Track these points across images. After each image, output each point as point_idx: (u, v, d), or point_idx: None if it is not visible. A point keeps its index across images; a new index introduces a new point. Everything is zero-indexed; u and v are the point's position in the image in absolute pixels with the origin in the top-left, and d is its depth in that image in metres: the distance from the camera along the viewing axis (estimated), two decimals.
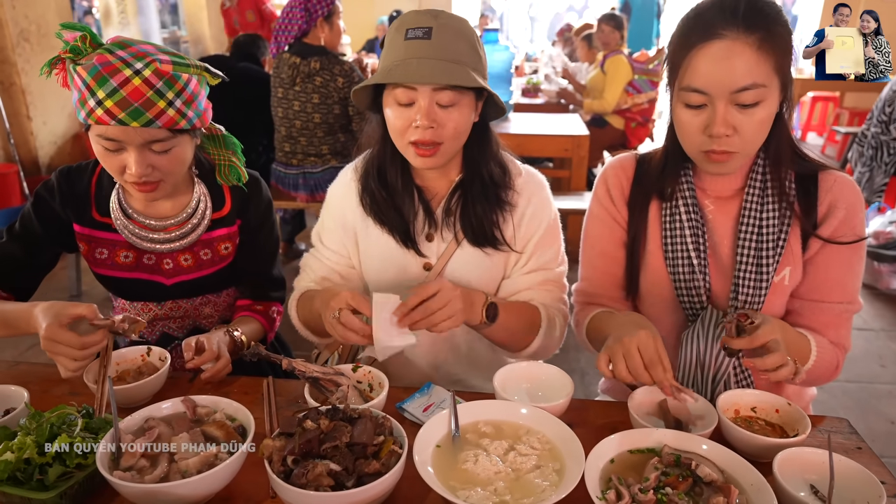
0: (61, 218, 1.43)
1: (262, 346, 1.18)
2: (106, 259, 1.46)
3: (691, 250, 1.28)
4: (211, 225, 1.47)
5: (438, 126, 1.23)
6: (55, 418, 1.00)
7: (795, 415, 1.12)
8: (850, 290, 1.26)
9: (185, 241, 1.44)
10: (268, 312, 1.56)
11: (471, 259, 1.39)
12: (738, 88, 1.09)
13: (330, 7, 3.35)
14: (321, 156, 3.45)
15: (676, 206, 1.30)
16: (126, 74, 1.17)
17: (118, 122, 1.19)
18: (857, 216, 1.23)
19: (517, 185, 1.40)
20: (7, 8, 4.65)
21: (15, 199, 4.67)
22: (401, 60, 1.21)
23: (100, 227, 1.44)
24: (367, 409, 1.03)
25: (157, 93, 1.20)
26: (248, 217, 1.51)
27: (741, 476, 0.96)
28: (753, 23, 1.08)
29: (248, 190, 1.50)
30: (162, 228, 1.43)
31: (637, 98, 5.01)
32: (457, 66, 1.21)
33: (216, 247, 1.50)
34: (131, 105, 1.18)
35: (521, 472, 0.98)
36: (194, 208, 1.45)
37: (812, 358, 1.21)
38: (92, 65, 1.17)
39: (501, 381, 1.21)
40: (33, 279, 1.48)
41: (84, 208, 1.43)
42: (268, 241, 1.56)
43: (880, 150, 4.17)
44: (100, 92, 1.17)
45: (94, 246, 1.45)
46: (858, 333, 3.43)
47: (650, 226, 1.34)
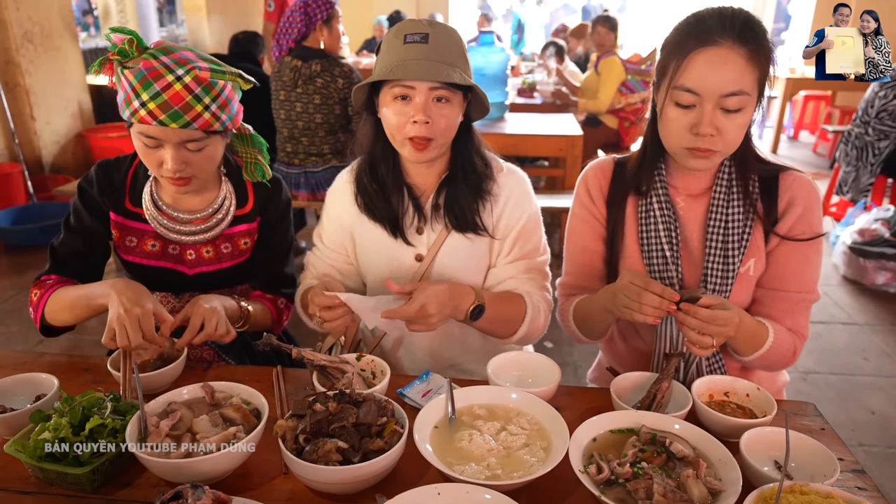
0: (100, 207, 1.53)
1: (274, 337, 1.27)
2: (135, 247, 1.55)
3: (664, 243, 1.37)
4: (233, 221, 1.57)
5: (433, 122, 1.34)
6: (86, 402, 1.10)
7: (764, 399, 1.22)
8: (807, 280, 1.36)
9: (209, 234, 1.54)
10: (277, 303, 1.66)
11: (458, 248, 1.49)
12: (727, 93, 1.19)
13: (329, 11, 3.43)
14: (322, 155, 3.54)
15: (651, 203, 1.40)
16: (168, 80, 1.28)
17: (159, 123, 1.29)
18: (813, 213, 1.34)
19: (499, 179, 1.51)
20: (11, 10, 4.72)
21: (20, 197, 4.75)
22: (400, 61, 1.33)
23: (131, 217, 1.53)
24: (370, 394, 1.13)
25: (195, 98, 1.30)
26: (268, 215, 1.61)
27: (710, 452, 1.06)
28: (746, 36, 1.19)
29: (270, 190, 1.60)
30: (189, 221, 1.52)
31: (630, 98, 5.10)
32: (451, 67, 1.33)
33: (236, 241, 1.59)
34: (172, 108, 1.29)
35: (512, 449, 1.08)
36: (220, 204, 1.54)
37: (769, 341, 1.31)
38: (139, 69, 1.28)
39: (494, 368, 1.31)
40: (97, 268, 1.58)
41: (119, 197, 1.53)
42: (283, 238, 1.65)
43: (865, 150, 4.27)
44: (144, 95, 1.28)
45: (125, 234, 1.54)
46: (843, 327, 3.53)
47: (627, 221, 1.44)
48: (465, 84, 1.34)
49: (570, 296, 1.53)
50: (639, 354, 1.51)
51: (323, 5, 3.40)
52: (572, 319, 1.49)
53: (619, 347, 1.56)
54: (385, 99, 1.38)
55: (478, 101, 1.44)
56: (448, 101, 1.36)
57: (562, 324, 1.56)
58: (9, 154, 4.91)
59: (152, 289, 1.61)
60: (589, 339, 1.50)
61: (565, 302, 1.53)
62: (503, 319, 1.46)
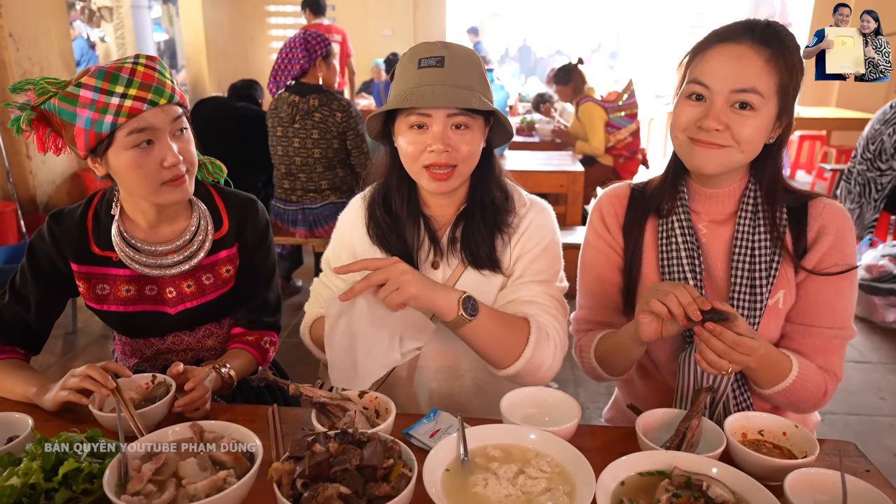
0: (58, 263, 1.43)
1: (270, 372, 1.17)
2: (107, 295, 1.45)
3: (687, 270, 1.29)
4: (212, 248, 1.48)
5: (453, 149, 1.27)
6: (61, 443, 0.99)
7: (803, 437, 1.12)
8: (840, 315, 1.27)
9: (192, 262, 1.45)
10: (260, 343, 1.55)
11: (473, 284, 1.40)
12: (738, 89, 1.15)
13: (328, 48, 3.45)
14: (320, 191, 3.49)
15: (672, 227, 1.32)
16: (129, 66, 1.25)
17: (150, 105, 1.25)
18: (846, 243, 1.26)
19: (520, 211, 1.42)
20: (11, 50, 4.73)
21: (12, 237, 4.67)
22: (415, 87, 1.26)
23: (99, 262, 1.44)
24: (375, 433, 1.03)
25: (160, 73, 1.29)
26: (246, 238, 1.53)
27: (752, 497, 0.95)
28: (768, 39, 1.16)
29: (244, 210, 1.53)
30: (166, 252, 1.43)
31: (619, 134, 5.09)
32: (469, 91, 1.26)
33: (217, 270, 1.50)
34: (152, 85, 1.26)
35: (532, 495, 0.97)
36: (196, 226, 1.46)
37: (792, 375, 1.21)
38: (97, 70, 1.24)
39: (508, 405, 1.21)
40: (42, 329, 1.48)
41: (82, 244, 1.43)
42: (264, 262, 1.56)
43: (868, 186, 4.25)
44: (118, 87, 1.23)
45: (95, 283, 1.44)
46: (856, 366, 3.43)
47: (646, 248, 1.36)
48: (485, 109, 1.27)
49: (586, 331, 1.44)
50: (658, 391, 1.41)
51: (322, 41, 3.41)
52: (594, 355, 1.39)
53: (638, 385, 1.47)
54: (400, 128, 1.31)
55: (500, 127, 1.36)
56: (468, 127, 1.28)
57: (579, 360, 1.46)
58: (2, 193, 4.86)
59: (134, 335, 1.52)
60: (610, 376, 1.40)
61: (583, 337, 1.43)
62: (501, 334, 1.29)
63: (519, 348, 1.30)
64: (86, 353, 3.51)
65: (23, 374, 1.36)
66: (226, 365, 1.41)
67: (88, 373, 1.21)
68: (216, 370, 1.38)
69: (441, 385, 1.48)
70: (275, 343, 1.60)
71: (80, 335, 3.70)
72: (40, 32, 4.99)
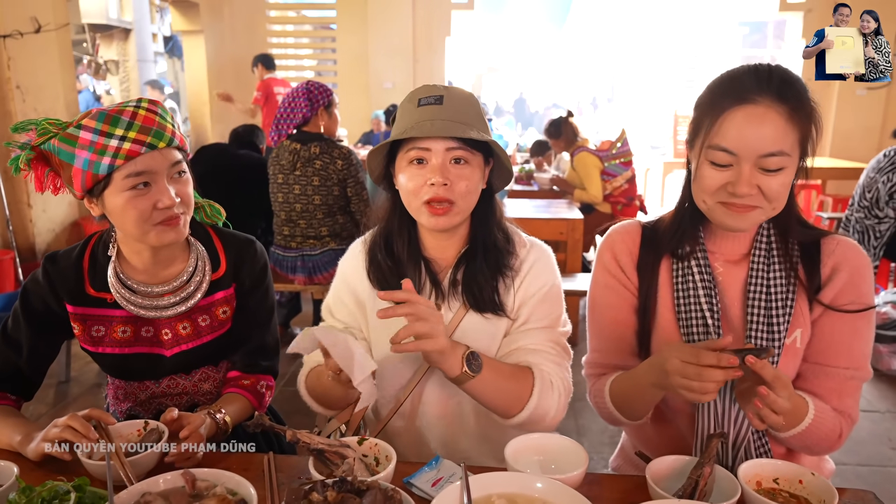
0: (52, 305, 1.41)
1: (266, 417, 1.13)
2: (103, 336, 1.43)
3: (705, 310, 1.27)
4: (210, 289, 1.46)
5: (451, 184, 1.27)
6: (46, 492, 0.95)
7: (821, 486, 1.08)
8: (856, 355, 1.24)
9: (189, 303, 1.42)
10: (256, 388, 1.51)
11: (475, 328, 1.38)
12: (766, 153, 1.12)
13: (329, 97, 3.51)
14: (320, 238, 3.49)
15: (689, 267, 1.30)
16: (131, 110, 1.26)
17: (148, 148, 1.25)
18: (863, 280, 1.24)
19: (521, 253, 1.41)
20: (17, 101, 4.82)
21: (9, 284, 4.65)
22: (415, 122, 1.28)
23: (94, 304, 1.42)
24: (375, 482, 0.99)
25: (161, 118, 1.30)
26: (243, 278, 1.51)
27: None
28: (785, 94, 1.12)
29: (242, 251, 1.51)
30: (163, 294, 1.41)
31: (615, 182, 5.14)
32: (467, 126, 1.28)
33: (214, 312, 1.48)
34: (151, 129, 1.26)
35: None
36: (194, 266, 1.44)
37: (809, 418, 1.18)
38: (98, 112, 1.24)
39: (513, 452, 1.16)
40: (34, 374, 1.45)
41: (77, 285, 1.41)
42: (262, 304, 1.54)
43: (866, 234, 4.26)
44: (118, 130, 1.23)
45: (90, 324, 1.42)
46: (865, 415, 3.36)
47: (661, 288, 1.33)
48: (483, 140, 1.28)
49: (599, 375, 1.40)
50: (671, 437, 1.36)
51: (324, 91, 3.47)
52: (609, 400, 1.35)
53: (649, 430, 1.42)
54: (401, 165, 1.32)
55: (500, 169, 1.37)
56: (467, 162, 1.29)
57: (594, 405, 1.41)
58: (2, 241, 4.85)
59: (130, 378, 1.49)
60: (629, 420, 1.35)
61: (597, 382, 1.39)
62: (505, 386, 1.29)
63: (523, 399, 1.30)
64: (78, 402, 3.44)
65: (10, 420, 1.32)
66: (221, 410, 1.37)
67: (69, 423, 1.17)
68: (211, 416, 1.34)
69: (443, 431, 1.43)
70: (271, 388, 1.56)
71: (72, 384, 3.63)
72: (47, 85, 5.08)
